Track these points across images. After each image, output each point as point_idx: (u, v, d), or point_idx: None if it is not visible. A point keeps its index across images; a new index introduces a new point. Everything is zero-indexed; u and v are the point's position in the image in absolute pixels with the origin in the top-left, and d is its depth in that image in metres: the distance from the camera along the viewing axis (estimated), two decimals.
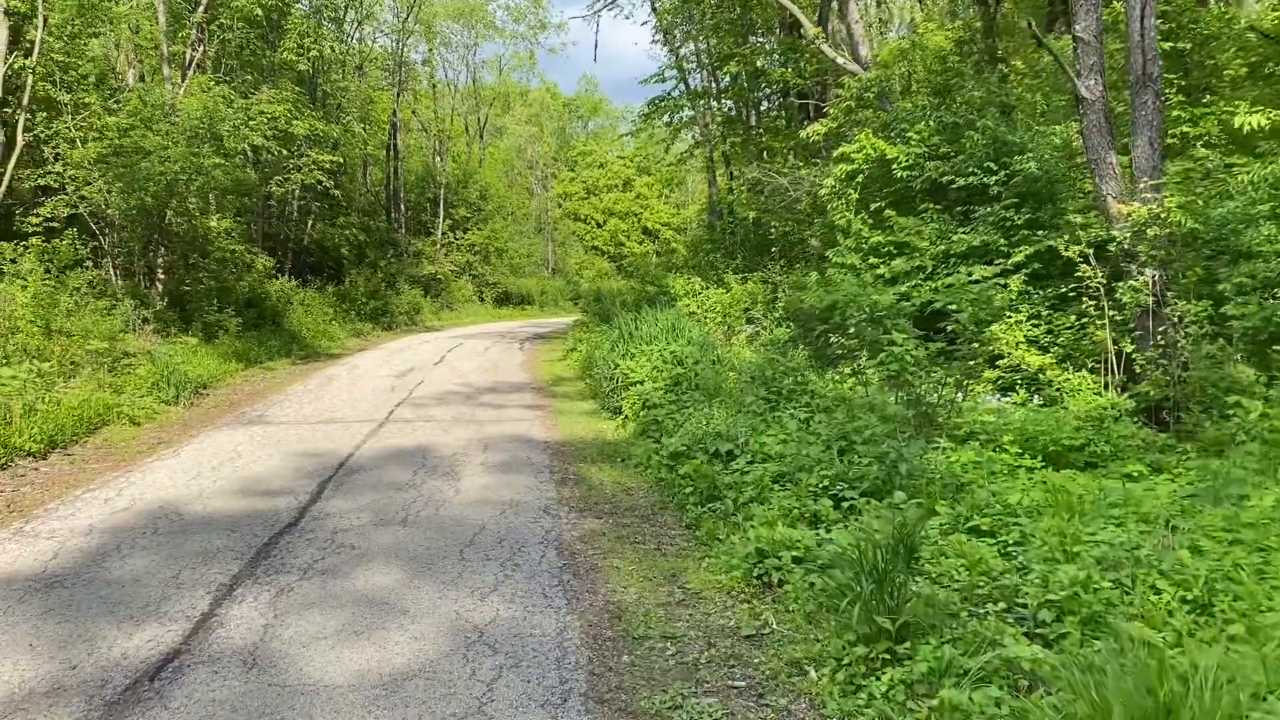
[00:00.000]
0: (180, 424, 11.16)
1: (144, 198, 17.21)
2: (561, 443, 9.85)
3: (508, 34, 46.08)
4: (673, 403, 9.22)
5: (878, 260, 11.44)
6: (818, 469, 6.50)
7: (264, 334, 20.31)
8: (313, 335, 22.98)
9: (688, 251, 26.01)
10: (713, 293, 18.52)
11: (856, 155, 11.69)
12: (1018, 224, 10.35)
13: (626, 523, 6.68)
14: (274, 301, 22.69)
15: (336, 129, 25.73)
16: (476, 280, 43.50)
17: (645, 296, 21.34)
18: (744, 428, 7.78)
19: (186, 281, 18.94)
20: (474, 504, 7.06)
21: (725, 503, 6.52)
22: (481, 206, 45.45)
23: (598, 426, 10.87)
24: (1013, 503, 5.70)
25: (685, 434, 7.98)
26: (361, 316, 28.38)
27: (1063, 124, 11.04)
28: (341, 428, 10.65)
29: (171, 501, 7.13)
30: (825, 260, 16.92)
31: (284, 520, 6.60)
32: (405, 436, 10.06)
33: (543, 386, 15.16)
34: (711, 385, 9.16)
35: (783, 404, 8.64)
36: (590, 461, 8.81)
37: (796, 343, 14.08)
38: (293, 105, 21.80)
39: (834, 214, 12.39)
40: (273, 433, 10.35)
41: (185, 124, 17.44)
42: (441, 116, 46.98)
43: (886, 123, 12.07)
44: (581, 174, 67.97)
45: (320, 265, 30.79)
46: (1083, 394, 8.27)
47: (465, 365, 18.12)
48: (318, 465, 8.49)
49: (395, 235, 37.17)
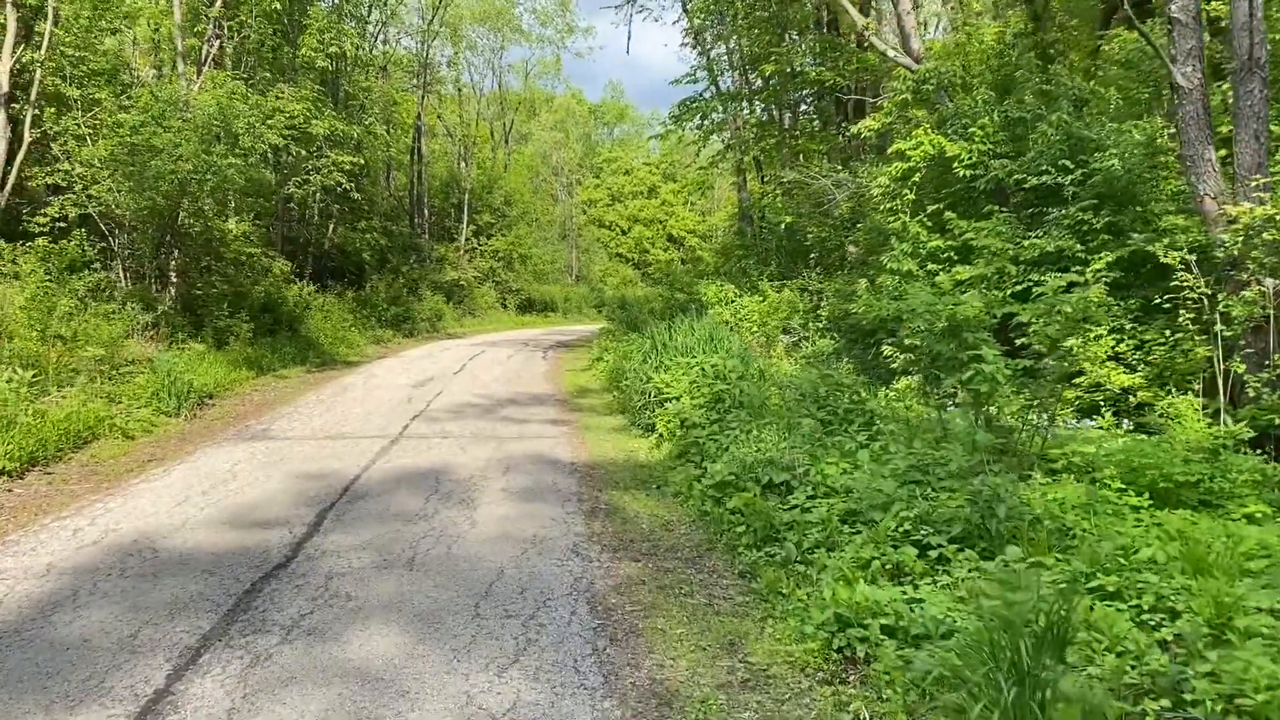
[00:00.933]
0: (177, 438, 10.33)
1: (155, 197, 16.46)
2: (589, 464, 8.92)
3: (534, 38, 45.35)
4: (714, 422, 8.26)
5: (936, 267, 10.45)
6: (895, 507, 5.53)
7: (279, 340, 19.54)
8: (330, 342, 22.21)
9: (718, 258, 25.05)
10: (747, 300, 17.57)
11: (913, 153, 10.72)
12: (1096, 228, 9.34)
13: (668, 567, 5.73)
14: (291, 307, 21.93)
15: (358, 129, 24.98)
16: (500, 287, 42.74)
17: (675, 304, 20.41)
18: (799, 454, 6.82)
19: (198, 285, 18.20)
20: (492, 541, 6.13)
21: (786, 546, 5.55)
22: (506, 212, 44.70)
23: (628, 445, 9.93)
24: (1141, 557, 4.71)
25: (732, 460, 7.02)
26: (382, 323, 27.60)
27: (1144, 118, 10.04)
28: (351, 444, 9.78)
29: (149, 533, 6.25)
30: (867, 267, 15.95)
31: (273, 559, 5.70)
32: (419, 455, 9.16)
33: (567, 399, 14.26)
34: (757, 403, 8.20)
35: (840, 426, 7.67)
36: (623, 488, 7.87)
37: (841, 355, 13.11)
38: (312, 104, 21.05)
39: (886, 217, 11.42)
40: (276, 450, 9.49)
41: (198, 120, 16.68)
42: (467, 121, 46.34)
43: (943, 119, 11.09)
44: (606, 180, 67.24)
45: (341, 270, 30.08)
46: (1188, 420, 7.25)
47: (486, 375, 17.25)
48: (320, 490, 7.60)
49: (418, 240, 36.45)
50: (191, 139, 16.34)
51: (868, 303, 11.32)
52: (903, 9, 13.10)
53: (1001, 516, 5.20)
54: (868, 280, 11.76)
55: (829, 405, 8.21)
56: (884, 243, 16.13)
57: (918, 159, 10.68)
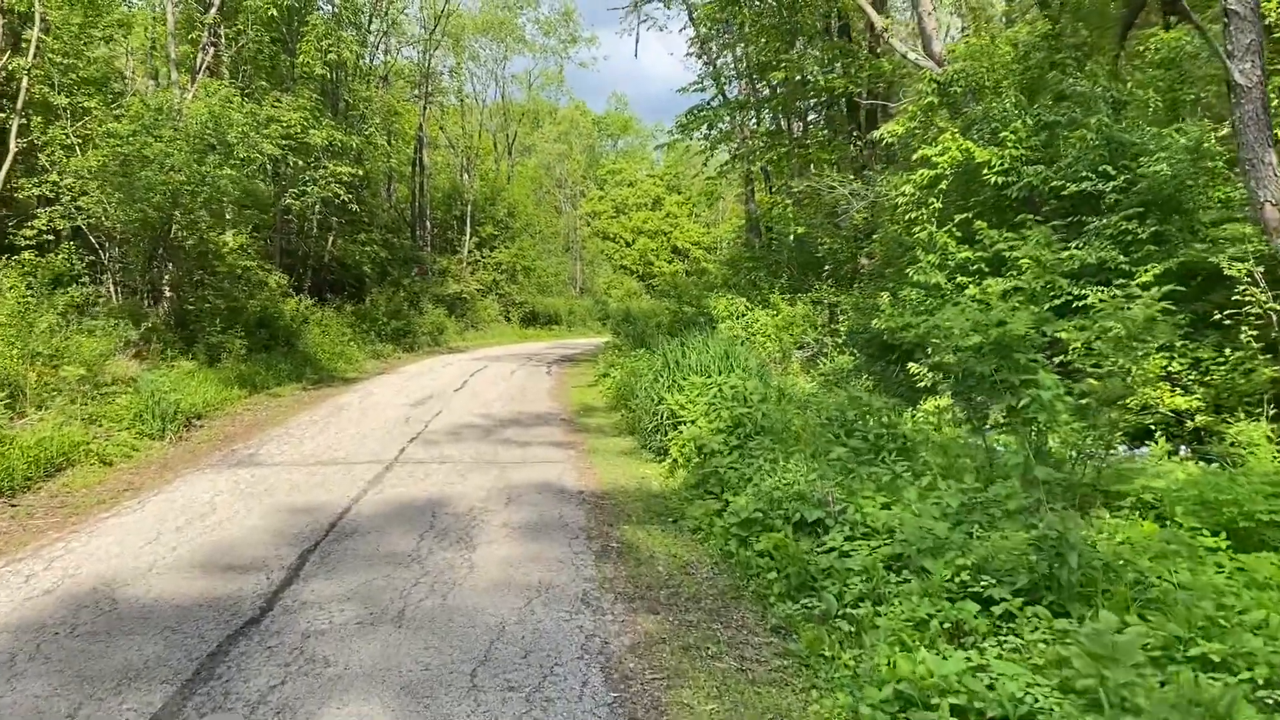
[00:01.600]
0: (159, 464, 9.68)
1: (145, 209, 15.89)
2: (599, 494, 8.27)
3: (537, 48, 44.88)
4: (734, 449, 7.61)
5: (966, 279, 9.81)
6: (948, 553, 4.88)
7: (274, 356, 18.93)
8: (328, 358, 21.59)
9: (727, 270, 24.43)
10: (759, 314, 16.94)
11: (940, 159, 10.10)
12: (1141, 237, 8.70)
13: (691, 621, 5.08)
14: (288, 321, 21.32)
15: (356, 139, 24.40)
16: (503, 299, 42.14)
17: (683, 318, 19.78)
18: (832, 487, 6.16)
19: (191, 300, 17.60)
20: (492, 589, 5.48)
21: (825, 598, 4.90)
22: (509, 224, 44.15)
23: (640, 471, 9.28)
24: (1252, 619, 4.06)
25: (757, 494, 6.37)
26: (382, 337, 26.99)
27: (1186, 120, 9.41)
28: (342, 471, 9.14)
29: (110, 580, 5.61)
30: (885, 279, 15.31)
31: (245, 612, 5.05)
32: (415, 484, 8.51)
33: (573, 418, 13.61)
34: (781, 429, 7.56)
35: (873, 455, 7.02)
36: (636, 522, 7.21)
37: (860, 372, 12.46)
38: (310, 113, 20.49)
39: (910, 226, 10.78)
40: (262, 478, 8.85)
41: (190, 130, 16.11)
42: (469, 133, 45.85)
43: (971, 123, 10.48)
44: (610, 192, 66.75)
45: (340, 283, 29.51)
46: (1263, 450, 6.58)
47: (488, 392, 16.61)
48: (305, 526, 6.96)
49: (420, 253, 35.87)
50: (183, 148, 15.78)
51: (891, 317, 10.70)
52: (923, 10, 12.51)
53: (1074, 566, 4.54)
54: (889, 293, 11.12)
55: (858, 430, 7.55)
56: (902, 254, 15.52)
57: (945, 165, 10.06)
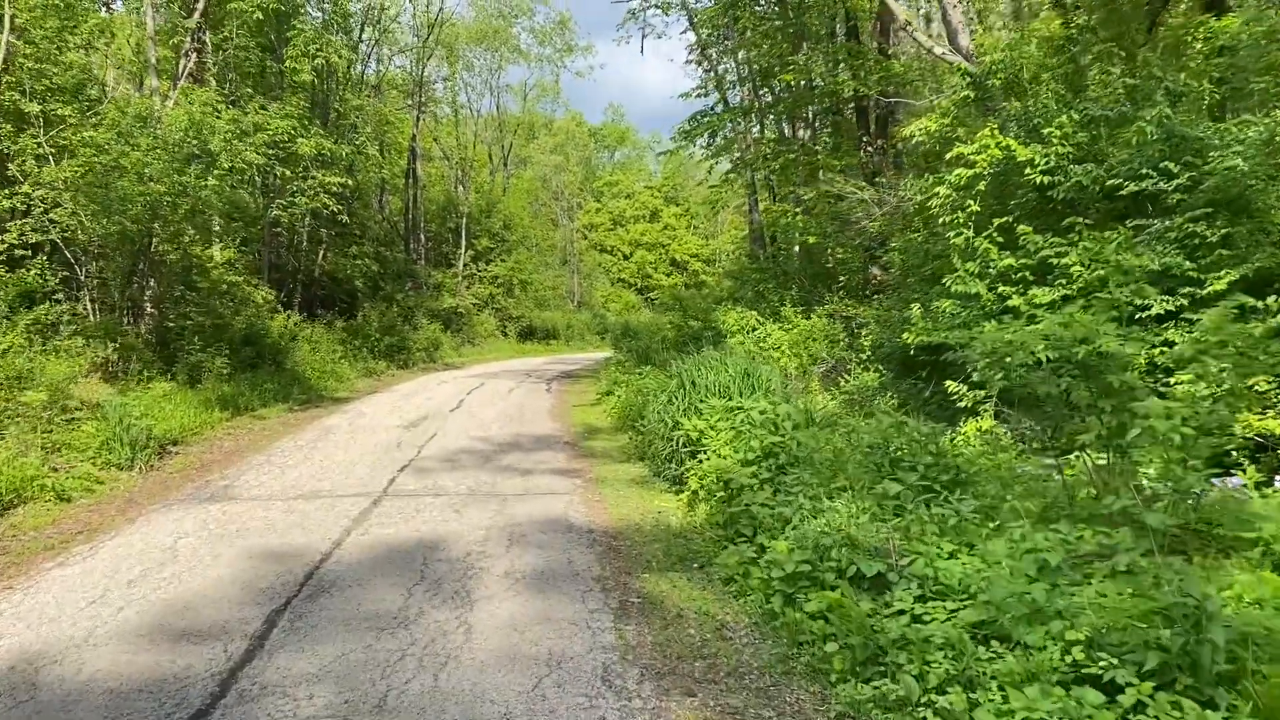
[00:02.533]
0: (123, 500, 8.76)
1: (123, 222, 15.02)
2: (611, 532, 7.37)
3: (532, 57, 44.05)
4: (765, 482, 6.72)
5: (1009, 289, 8.95)
6: (1051, 622, 3.99)
7: (260, 376, 18.02)
8: (317, 376, 20.68)
9: (732, 282, 23.58)
10: (771, 328, 16.07)
11: (978, 157, 9.25)
12: (1210, 241, 7.85)
13: (735, 706, 4.17)
14: (275, 339, 20.41)
15: (346, 148, 23.54)
16: (499, 314, 41.30)
17: (688, 333, 18.92)
18: (890, 533, 5.27)
19: (172, 317, 16.70)
20: (494, 663, 4.57)
21: (903, 681, 4.00)
22: (505, 237, 43.31)
23: (654, 504, 8.38)
24: None
25: (801, 539, 5.47)
26: (375, 354, 26.08)
27: (1259, 113, 8.59)
28: (325, 507, 8.23)
29: (37, 655, 4.70)
30: (908, 289, 14.45)
31: (193, 702, 4.14)
32: (405, 522, 7.61)
33: (576, 441, 12.72)
34: (820, 460, 6.67)
35: (932, 491, 6.12)
36: (657, 569, 6.31)
37: (884, 390, 11.58)
38: (297, 121, 19.65)
39: (941, 232, 9.93)
40: (234, 515, 7.94)
41: (169, 137, 15.25)
42: (464, 144, 45.07)
43: (1010, 119, 9.63)
44: (608, 204, 66.07)
45: (332, 298, 28.64)
46: None
47: (486, 412, 15.71)
48: (276, 577, 6.05)
49: (414, 266, 35.01)
50: (161, 157, 14.92)
51: (924, 330, 9.84)
52: (949, 2, 11.68)
53: (1220, 644, 3.65)
54: (919, 304, 10.25)
55: (905, 461, 6.66)
56: (925, 263, 14.66)
57: (983, 165, 9.21)
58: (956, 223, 9.55)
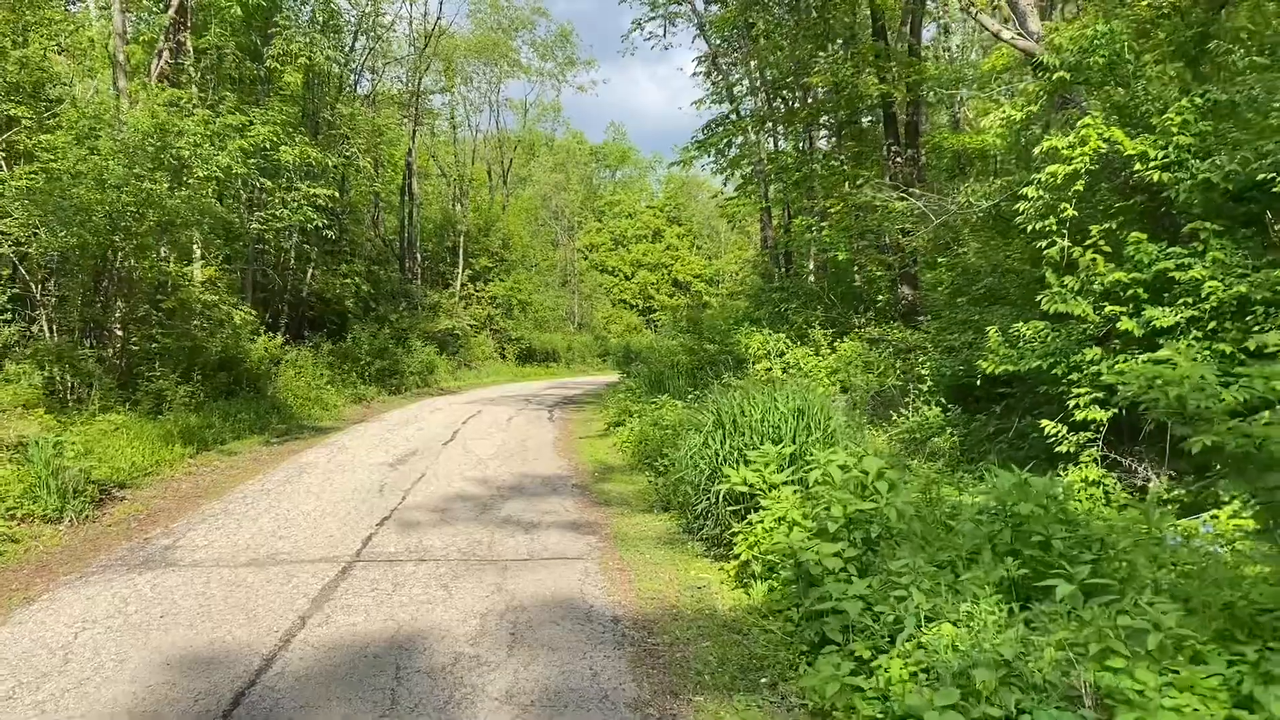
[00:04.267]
0: (33, 567, 7.10)
1: (82, 234, 13.43)
2: (643, 620, 5.73)
3: (533, 72, 42.61)
4: (852, 560, 5.07)
5: (1118, 308, 7.36)
6: None
7: (236, 404, 16.39)
8: (300, 404, 19.04)
9: (747, 302, 21.99)
10: (798, 353, 14.48)
11: (1075, 152, 7.69)
12: None
13: None
14: (255, 363, 18.78)
15: (333, 159, 21.96)
16: (498, 335, 39.67)
17: (704, 358, 17.31)
18: (1081, 673, 3.63)
19: (135, 340, 15.08)
20: None
21: None
22: (504, 256, 41.76)
23: (691, 573, 6.74)
24: None
25: (928, 660, 3.83)
26: (365, 379, 24.42)
27: None
28: (280, 578, 6.58)
29: None
30: (955, 309, 12.88)
31: None
32: (377, 605, 5.96)
33: (587, 483, 11.08)
34: (931, 536, 5.03)
35: (1105, 586, 4.49)
36: (711, 686, 4.66)
37: (947, 427, 9.97)
38: (280, 127, 18.10)
39: (1036, 240, 8.33)
40: (165, 591, 6.29)
41: (132, 140, 13.69)
42: (462, 161, 43.62)
43: (1110, 107, 8.08)
44: (609, 224, 64.66)
45: (321, 320, 27.01)
46: None
47: (483, 446, 14.07)
48: (194, 701, 4.40)
49: (409, 286, 33.41)
50: (122, 162, 13.37)
51: (1006, 358, 8.23)
52: None
53: None
54: (997, 331, 8.63)
55: (1035, 533, 5.03)
56: (973, 282, 13.09)
57: (1083, 160, 7.64)
58: (1048, 230, 7.95)
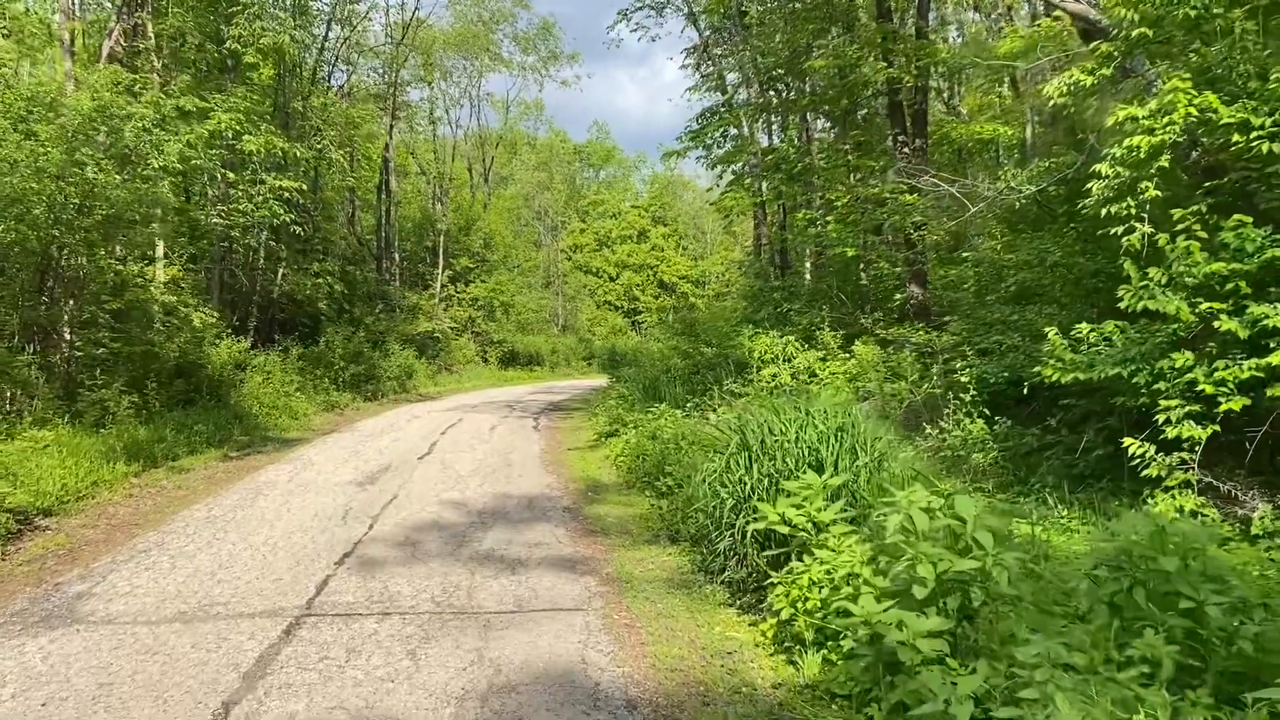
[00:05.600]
0: None
1: (20, 228, 12.10)
2: (664, 705, 4.48)
3: (515, 66, 41.16)
4: (943, 633, 3.83)
5: (1217, 305, 6.19)
6: None
7: (194, 414, 15.04)
8: (267, 413, 17.68)
9: (746, 303, 20.76)
10: (807, 357, 13.29)
11: (1159, 123, 6.52)
12: None
13: None
14: (216, 369, 17.40)
15: (300, 149, 20.50)
16: (479, 338, 38.28)
17: (701, 361, 16.09)
18: None
19: (79, 345, 13.70)
20: None
21: None
22: (486, 256, 40.35)
23: (718, 635, 5.49)
24: None
25: None
26: (339, 385, 23.00)
27: None
28: (209, 641, 5.29)
29: None
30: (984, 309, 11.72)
31: None
32: (324, 685, 4.67)
33: (578, 504, 9.82)
34: (1045, 604, 3.81)
35: None
36: None
37: (992, 444, 8.76)
38: (243, 115, 16.74)
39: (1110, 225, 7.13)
40: (58, 662, 4.99)
41: (70, 124, 12.34)
42: (442, 158, 42.17)
43: (1198, 71, 6.91)
44: (593, 224, 63.38)
45: (292, 322, 25.58)
46: None
47: (462, 461, 12.79)
48: None
49: (386, 287, 32.00)
50: (60, 147, 12.03)
51: (1078, 363, 7.04)
52: None
53: None
54: (1054, 331, 7.43)
55: (1176, 595, 3.83)
56: (999, 278, 11.95)
57: (1169, 132, 6.46)
58: (1125, 213, 6.76)
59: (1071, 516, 6.98)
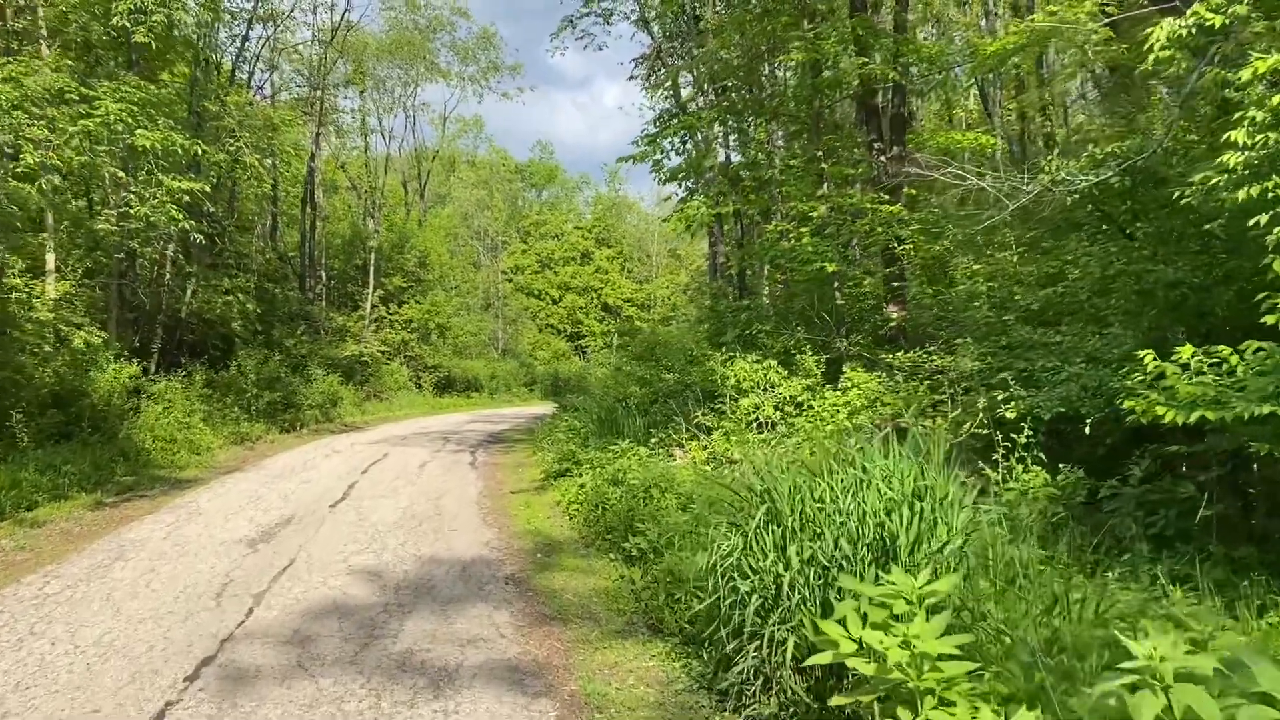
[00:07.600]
0: None
1: None
2: None
3: (453, 76, 39.04)
4: None
5: None
6: None
7: (68, 451, 12.72)
8: (162, 448, 15.31)
9: (707, 324, 18.95)
10: (794, 386, 11.51)
11: None
12: None
13: None
14: (102, 397, 15.01)
15: (214, 151, 18.27)
16: (413, 363, 35.87)
17: (663, 389, 14.21)
18: None
19: None
20: None
21: None
22: (421, 276, 38.01)
23: None
24: None
25: None
26: (252, 414, 20.56)
27: None
28: None
29: None
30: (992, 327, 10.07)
31: None
32: None
33: (527, 574, 7.82)
34: None
35: None
36: None
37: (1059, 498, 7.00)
38: (137, 106, 14.48)
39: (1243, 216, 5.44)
40: None
41: None
42: (374, 172, 39.83)
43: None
44: (535, 245, 61.29)
45: (202, 344, 23.07)
46: None
47: (383, 509, 10.69)
48: None
49: (309, 308, 29.58)
50: None
51: (1188, 400, 5.31)
52: None
53: None
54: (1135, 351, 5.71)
55: None
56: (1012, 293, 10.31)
57: None
58: (1267, 194, 5.07)
59: (1189, 602, 5.21)
